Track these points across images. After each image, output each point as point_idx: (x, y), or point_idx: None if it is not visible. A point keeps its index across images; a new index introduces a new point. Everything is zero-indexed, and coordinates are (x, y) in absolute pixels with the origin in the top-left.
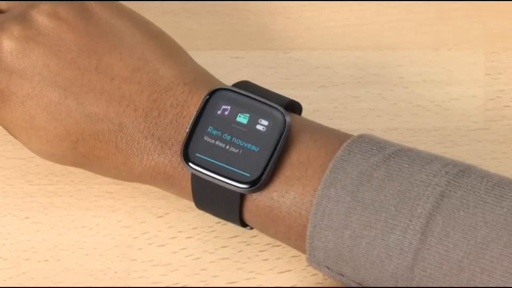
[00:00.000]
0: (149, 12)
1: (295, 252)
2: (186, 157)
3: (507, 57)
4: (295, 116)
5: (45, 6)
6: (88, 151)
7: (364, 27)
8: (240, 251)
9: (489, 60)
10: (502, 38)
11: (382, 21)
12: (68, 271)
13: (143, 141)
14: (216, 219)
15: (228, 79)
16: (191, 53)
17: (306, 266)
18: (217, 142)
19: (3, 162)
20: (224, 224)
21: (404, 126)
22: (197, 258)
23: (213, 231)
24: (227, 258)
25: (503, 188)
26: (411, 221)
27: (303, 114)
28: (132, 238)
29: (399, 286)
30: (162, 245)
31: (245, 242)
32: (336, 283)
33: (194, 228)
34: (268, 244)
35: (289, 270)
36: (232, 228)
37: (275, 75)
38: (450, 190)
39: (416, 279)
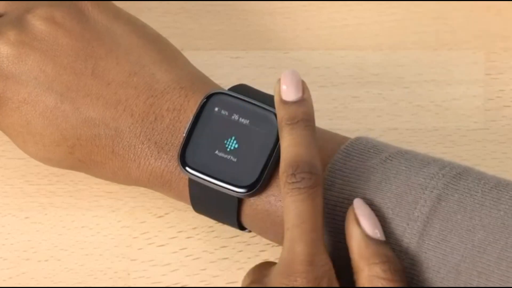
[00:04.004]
0: (149, 12)
1: None
2: (183, 161)
3: (507, 57)
4: None
5: (41, 10)
6: (84, 156)
7: (364, 27)
8: (240, 251)
9: (489, 60)
10: (502, 38)
11: (382, 21)
12: (68, 271)
13: (140, 146)
14: None
15: (228, 79)
16: (191, 53)
17: None
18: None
19: (3, 162)
20: (224, 224)
21: (404, 126)
22: (197, 258)
23: (213, 231)
24: (227, 258)
25: (500, 190)
26: (408, 224)
27: None
28: (132, 238)
29: None
30: (162, 245)
31: (245, 242)
32: None
33: (194, 228)
34: (268, 244)
35: None
36: (232, 228)
37: (275, 75)
38: (447, 193)
39: (413, 282)
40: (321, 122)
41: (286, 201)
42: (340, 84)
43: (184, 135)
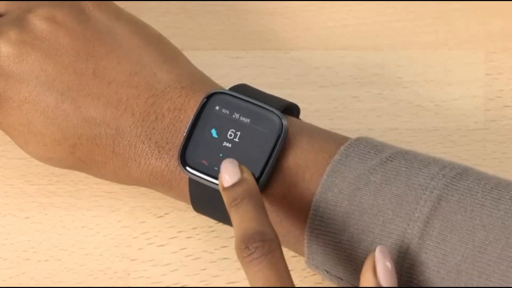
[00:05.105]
0: (149, 12)
1: (294, 252)
2: (184, 161)
3: (507, 57)
4: (293, 119)
5: (42, 10)
6: (85, 155)
7: (364, 27)
8: None
9: (489, 60)
10: (502, 38)
11: (382, 21)
12: (68, 271)
13: (141, 145)
14: None
15: (228, 79)
16: (191, 53)
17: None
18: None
19: (3, 162)
20: (224, 224)
21: (404, 126)
22: (197, 258)
23: (213, 231)
24: (227, 258)
25: (501, 190)
26: (408, 225)
27: (303, 114)
28: (132, 238)
29: None
30: (162, 245)
31: None
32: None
33: (194, 228)
34: None
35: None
36: (232, 228)
37: (275, 75)
38: (448, 194)
39: (414, 283)
40: (321, 122)
41: (249, 276)
42: (340, 84)
43: (185, 134)
